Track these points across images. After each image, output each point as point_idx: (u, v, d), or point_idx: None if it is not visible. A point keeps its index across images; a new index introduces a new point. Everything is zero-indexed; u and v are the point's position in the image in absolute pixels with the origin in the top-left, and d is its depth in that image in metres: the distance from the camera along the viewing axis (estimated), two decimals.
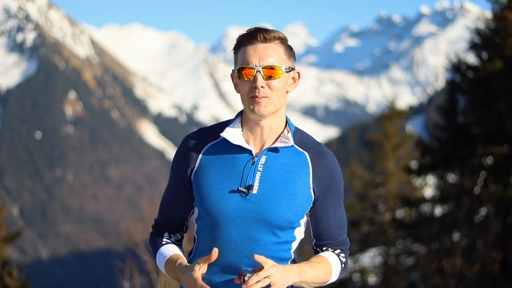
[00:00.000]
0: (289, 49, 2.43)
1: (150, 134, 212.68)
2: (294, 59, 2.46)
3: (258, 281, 2.25)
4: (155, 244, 2.56)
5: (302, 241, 2.58)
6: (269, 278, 2.26)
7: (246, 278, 2.29)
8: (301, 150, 2.46)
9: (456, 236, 13.05)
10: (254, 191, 2.38)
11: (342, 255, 2.54)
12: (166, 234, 2.57)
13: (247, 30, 2.42)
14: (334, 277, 2.51)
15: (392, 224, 18.15)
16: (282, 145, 2.42)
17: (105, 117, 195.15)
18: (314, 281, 2.43)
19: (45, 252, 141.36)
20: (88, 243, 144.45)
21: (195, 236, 2.54)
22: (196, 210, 2.52)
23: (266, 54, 2.36)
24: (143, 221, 9.65)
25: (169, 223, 2.59)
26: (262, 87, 2.35)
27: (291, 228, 2.44)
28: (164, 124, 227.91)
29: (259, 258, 2.27)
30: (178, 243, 2.59)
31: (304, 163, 2.43)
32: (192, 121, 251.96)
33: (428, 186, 18.16)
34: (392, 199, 19.05)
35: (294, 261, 2.51)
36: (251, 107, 2.38)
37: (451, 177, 14.38)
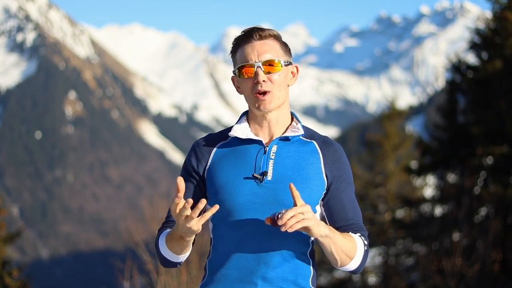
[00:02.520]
0: (284, 45, 2.52)
1: (150, 134, 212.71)
2: (290, 54, 2.53)
3: (293, 216, 2.22)
4: (157, 238, 2.53)
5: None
6: (303, 214, 2.24)
7: (279, 215, 2.24)
8: (308, 140, 2.52)
9: (456, 236, 13.05)
10: (269, 177, 2.42)
11: (363, 238, 2.48)
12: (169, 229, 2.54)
13: (242, 32, 2.50)
14: (358, 256, 2.44)
15: (392, 224, 18.15)
16: (293, 134, 2.49)
17: (105, 117, 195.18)
18: (342, 246, 2.38)
19: (45, 252, 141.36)
20: (88, 243, 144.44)
21: (212, 236, 2.54)
22: None
23: (263, 50, 2.44)
24: (143, 221, 9.65)
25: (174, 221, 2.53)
26: (264, 81, 2.42)
27: None
28: (164, 124, 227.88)
29: (293, 188, 2.27)
30: None
31: (313, 150, 2.49)
32: (192, 121, 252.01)
33: (428, 186, 18.16)
34: (392, 199, 19.05)
35: (312, 254, 2.50)
36: (257, 105, 2.44)
37: (451, 177, 14.38)
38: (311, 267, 2.49)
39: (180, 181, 2.26)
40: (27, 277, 14.61)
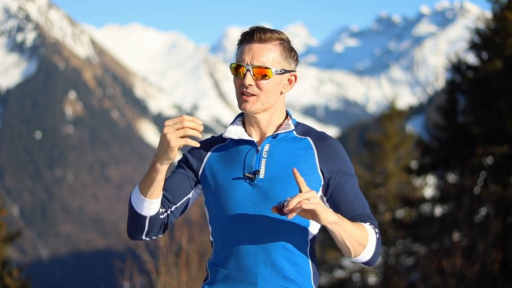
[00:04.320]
0: (288, 51, 2.45)
1: (150, 134, 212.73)
2: (295, 61, 2.48)
3: (299, 202, 2.17)
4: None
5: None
6: (309, 200, 2.19)
7: (285, 203, 2.20)
8: (302, 136, 2.49)
9: (456, 236, 13.05)
10: (261, 176, 2.41)
11: (373, 226, 2.41)
12: None
13: (249, 28, 2.47)
14: (371, 244, 2.37)
15: (392, 224, 18.15)
16: (284, 131, 2.47)
17: (105, 117, 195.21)
18: (353, 234, 2.31)
19: (45, 252, 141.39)
20: (88, 243, 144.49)
21: (211, 239, 2.53)
22: (207, 214, 2.53)
23: (259, 54, 2.40)
24: None
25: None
26: (250, 85, 2.39)
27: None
28: (164, 124, 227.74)
29: (297, 173, 2.24)
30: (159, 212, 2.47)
31: (307, 146, 2.46)
32: None
33: (428, 186, 18.16)
34: (392, 199, 19.05)
35: (312, 252, 2.48)
36: (239, 103, 2.45)
37: (451, 177, 14.38)
38: (311, 265, 2.47)
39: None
40: (27, 277, 14.60)
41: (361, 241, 2.33)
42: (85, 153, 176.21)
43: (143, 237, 2.49)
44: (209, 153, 2.52)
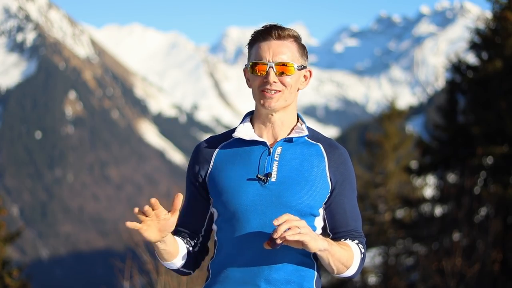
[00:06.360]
0: (302, 48, 2.47)
1: (150, 134, 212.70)
2: (307, 58, 2.51)
3: (289, 228, 2.22)
4: None
5: None
6: (299, 228, 2.24)
7: (274, 233, 2.23)
8: (314, 142, 2.50)
9: (456, 236, 13.06)
10: (273, 178, 2.40)
11: (361, 245, 2.49)
12: (176, 237, 2.51)
13: (262, 27, 2.46)
14: (355, 265, 2.45)
15: (392, 224, 18.15)
16: (297, 135, 2.46)
17: (105, 117, 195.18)
18: (339, 258, 2.39)
19: (45, 252, 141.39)
20: (88, 243, 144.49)
21: (216, 238, 2.52)
22: (215, 213, 2.51)
23: (279, 50, 2.40)
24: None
25: (183, 230, 2.55)
26: (274, 82, 2.39)
27: (312, 215, 2.43)
28: (164, 124, 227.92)
29: (281, 217, 2.25)
30: (191, 248, 2.54)
31: (319, 153, 2.47)
32: (192, 121, 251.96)
33: (428, 186, 18.16)
34: (392, 199, 19.05)
35: (316, 256, 2.46)
36: (262, 101, 2.42)
37: (451, 177, 14.38)
38: (315, 269, 2.47)
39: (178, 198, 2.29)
40: (27, 277, 14.59)
41: (346, 263, 2.42)
42: (85, 153, 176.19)
43: (192, 272, 2.57)
44: (215, 152, 2.49)
